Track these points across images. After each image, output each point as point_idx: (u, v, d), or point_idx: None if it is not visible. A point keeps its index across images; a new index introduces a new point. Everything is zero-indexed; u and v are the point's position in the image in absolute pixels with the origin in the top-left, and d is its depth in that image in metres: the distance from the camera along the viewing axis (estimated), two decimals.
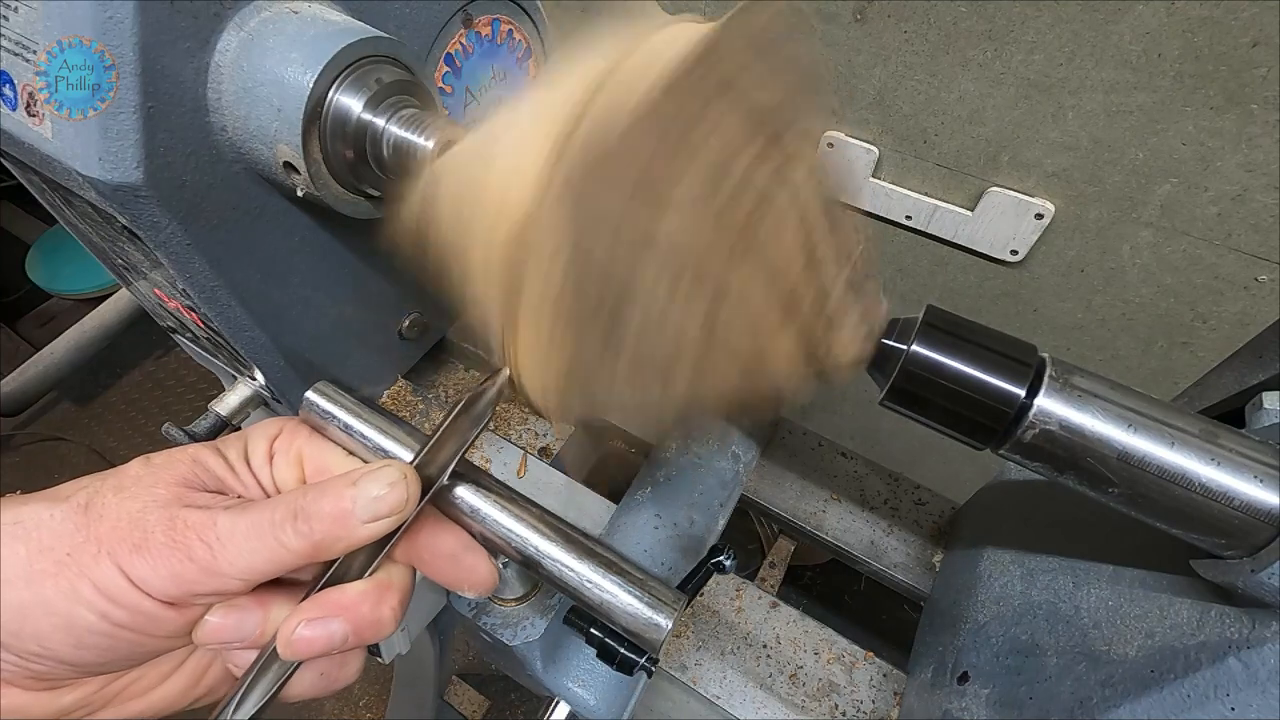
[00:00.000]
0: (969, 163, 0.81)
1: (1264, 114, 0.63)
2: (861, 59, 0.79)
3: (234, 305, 0.50)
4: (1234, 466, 0.32)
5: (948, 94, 0.77)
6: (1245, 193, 0.68)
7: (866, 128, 0.84)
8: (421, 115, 0.44)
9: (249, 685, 0.30)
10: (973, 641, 0.52)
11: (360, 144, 0.45)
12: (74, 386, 2.03)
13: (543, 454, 0.72)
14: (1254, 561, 0.32)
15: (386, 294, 0.65)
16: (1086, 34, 0.66)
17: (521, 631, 0.60)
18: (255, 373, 0.58)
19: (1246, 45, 0.61)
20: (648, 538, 0.65)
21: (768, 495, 0.76)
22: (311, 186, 0.45)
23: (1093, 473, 0.33)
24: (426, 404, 0.72)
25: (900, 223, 0.90)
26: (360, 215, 0.51)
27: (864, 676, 0.65)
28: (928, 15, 0.73)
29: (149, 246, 0.44)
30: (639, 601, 0.49)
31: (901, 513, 0.75)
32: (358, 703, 1.55)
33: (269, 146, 0.43)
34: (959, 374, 0.34)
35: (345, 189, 0.48)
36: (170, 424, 0.57)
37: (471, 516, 0.52)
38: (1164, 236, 0.75)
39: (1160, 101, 0.67)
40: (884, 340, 0.36)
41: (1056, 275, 0.85)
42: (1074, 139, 0.73)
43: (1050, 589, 0.48)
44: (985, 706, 0.47)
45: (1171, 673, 0.34)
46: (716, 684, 0.64)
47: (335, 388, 0.61)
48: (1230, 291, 0.75)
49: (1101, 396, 0.33)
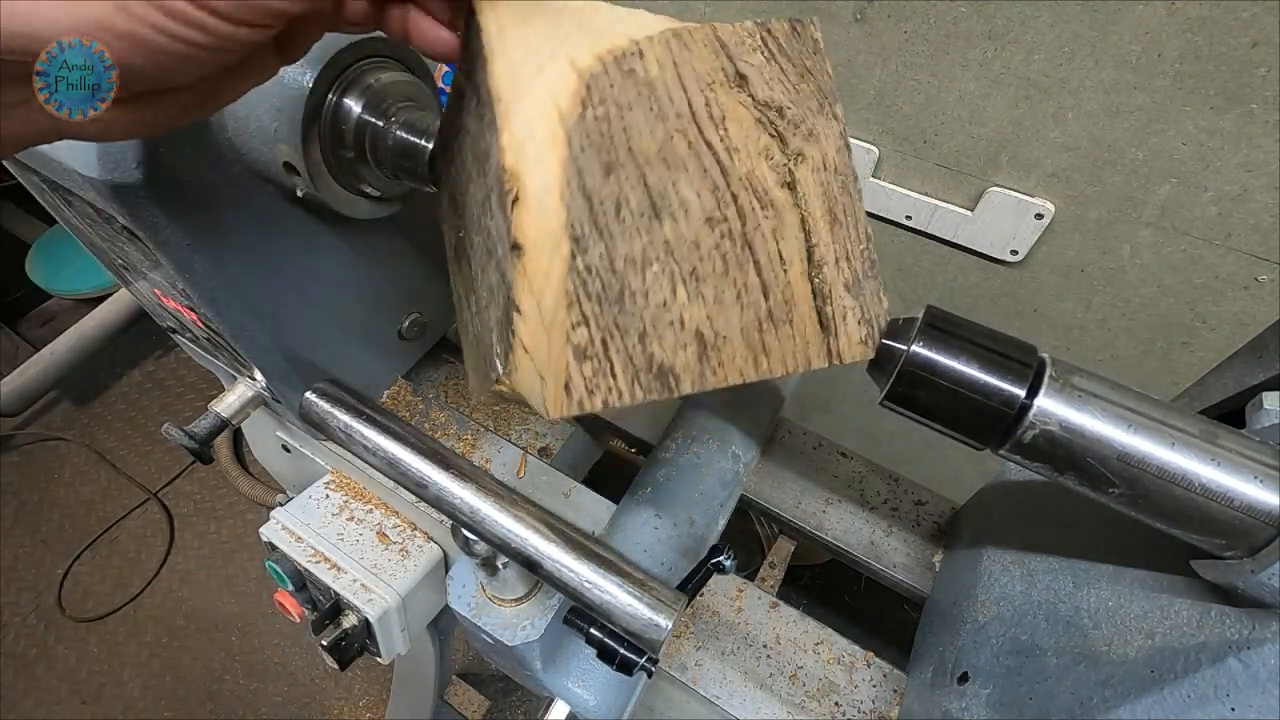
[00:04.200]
0: (969, 163, 0.81)
1: (1264, 114, 0.63)
2: (861, 59, 0.79)
3: (234, 305, 0.50)
4: (1234, 467, 0.32)
5: (948, 94, 0.77)
6: (1245, 193, 0.68)
7: (866, 128, 0.84)
8: (421, 116, 0.44)
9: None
10: (973, 641, 0.52)
11: (360, 144, 0.45)
12: (74, 386, 2.03)
13: (543, 454, 0.72)
14: (1254, 562, 0.32)
15: (386, 294, 0.65)
16: (1086, 34, 0.66)
17: (521, 631, 0.60)
18: (255, 373, 0.58)
19: (1246, 45, 0.61)
20: (648, 538, 0.65)
21: (768, 495, 0.76)
22: (311, 187, 0.45)
23: (1093, 473, 0.33)
24: (426, 404, 0.72)
25: (900, 223, 0.90)
26: (360, 215, 0.51)
27: (864, 676, 0.65)
28: (928, 15, 0.73)
29: (149, 246, 0.44)
30: (639, 602, 0.49)
31: (901, 513, 0.75)
32: (358, 703, 1.55)
33: (269, 146, 0.43)
34: (959, 374, 0.34)
35: (345, 189, 0.48)
36: (170, 424, 0.57)
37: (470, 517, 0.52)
38: (1164, 236, 0.75)
39: (1160, 101, 0.67)
40: (884, 340, 0.36)
41: (1056, 275, 0.85)
42: (1074, 139, 0.73)
43: (1050, 589, 0.48)
44: (985, 706, 0.47)
45: (1172, 673, 0.34)
46: (716, 684, 0.64)
47: (335, 387, 0.61)
48: (1230, 291, 0.75)
49: (1101, 396, 0.33)
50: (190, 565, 1.74)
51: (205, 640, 1.63)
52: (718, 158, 0.31)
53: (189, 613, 1.67)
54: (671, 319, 0.31)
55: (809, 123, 0.34)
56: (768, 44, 0.32)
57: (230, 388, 0.62)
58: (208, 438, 0.58)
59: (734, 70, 0.31)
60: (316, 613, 0.68)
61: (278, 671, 1.59)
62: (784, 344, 0.34)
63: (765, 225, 0.33)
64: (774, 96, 0.33)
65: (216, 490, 1.87)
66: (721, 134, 0.31)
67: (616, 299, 0.30)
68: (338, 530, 0.69)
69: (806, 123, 0.34)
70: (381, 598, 0.66)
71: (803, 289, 0.34)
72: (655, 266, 0.30)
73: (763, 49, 0.32)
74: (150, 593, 1.69)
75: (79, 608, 1.66)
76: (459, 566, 0.66)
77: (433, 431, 0.70)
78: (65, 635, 1.63)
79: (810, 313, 0.35)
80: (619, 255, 0.29)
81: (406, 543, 0.70)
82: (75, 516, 1.80)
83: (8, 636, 1.62)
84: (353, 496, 0.72)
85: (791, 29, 0.33)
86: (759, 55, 0.32)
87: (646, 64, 0.29)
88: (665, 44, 0.29)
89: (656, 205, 0.30)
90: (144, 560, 1.74)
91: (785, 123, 0.33)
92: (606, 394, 0.30)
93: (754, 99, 0.32)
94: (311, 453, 0.74)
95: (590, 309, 0.29)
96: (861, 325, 0.36)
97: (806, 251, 0.34)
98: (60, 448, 1.92)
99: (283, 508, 0.70)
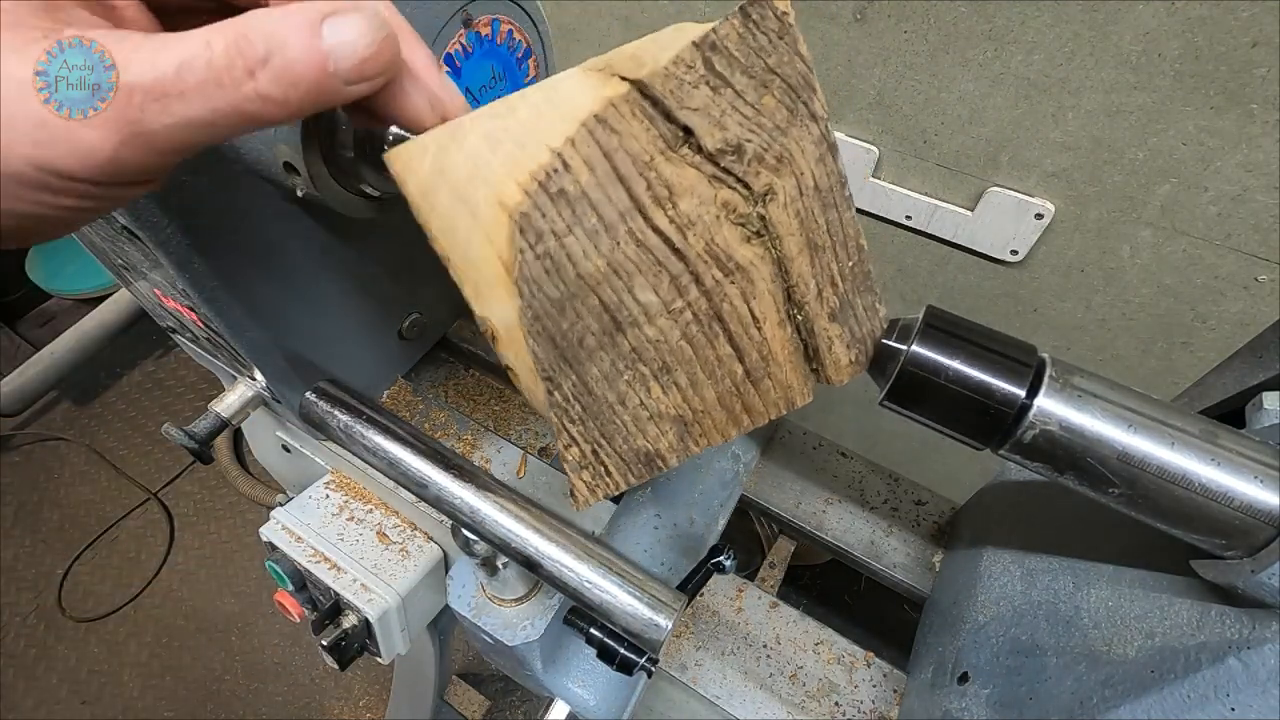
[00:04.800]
0: (969, 163, 0.81)
1: (1264, 114, 0.63)
2: (861, 59, 0.79)
3: (234, 305, 0.50)
4: (1234, 467, 0.32)
5: (948, 94, 0.77)
6: (1245, 193, 0.68)
7: (866, 128, 0.84)
8: None
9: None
10: (973, 641, 0.52)
11: (360, 144, 0.45)
12: (74, 386, 2.03)
13: (543, 454, 0.72)
14: (1254, 562, 0.32)
15: (386, 294, 0.65)
16: (1086, 34, 0.66)
17: (521, 631, 0.60)
18: (255, 373, 0.58)
19: (1246, 45, 0.61)
20: (648, 538, 0.65)
21: (768, 495, 0.76)
22: (311, 187, 0.45)
23: (1093, 473, 0.33)
24: (426, 404, 0.72)
25: (900, 223, 0.90)
26: (360, 215, 0.51)
27: (864, 676, 0.65)
28: (928, 15, 0.73)
29: (149, 246, 0.44)
30: (639, 602, 0.49)
31: (901, 513, 0.75)
32: (358, 703, 1.55)
33: (268, 146, 0.43)
34: (959, 374, 0.34)
35: (345, 189, 0.48)
36: (170, 424, 0.57)
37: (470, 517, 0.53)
38: (1164, 236, 0.75)
39: (1160, 101, 0.67)
40: (884, 341, 0.36)
41: (1056, 275, 0.85)
42: (1074, 139, 0.73)
43: (1050, 589, 0.48)
44: (985, 706, 0.47)
45: (1172, 673, 0.34)
46: (716, 684, 0.64)
47: (335, 387, 0.61)
48: (1230, 291, 0.75)
49: (1101, 396, 0.33)
50: (190, 565, 1.74)
51: (205, 640, 1.63)
52: (671, 244, 0.29)
53: (189, 613, 1.67)
54: (650, 414, 0.33)
55: (776, 146, 0.30)
56: (713, 65, 0.27)
57: (230, 388, 0.62)
58: (208, 438, 0.58)
59: (674, 129, 0.27)
60: (316, 613, 0.68)
61: (278, 671, 1.59)
62: (765, 397, 0.35)
63: (733, 291, 0.31)
64: (728, 136, 0.29)
65: (216, 490, 1.87)
66: (671, 214, 0.28)
67: (596, 415, 0.32)
68: (338, 530, 0.69)
69: (774, 147, 0.30)
70: (381, 598, 0.66)
71: (781, 337, 0.34)
72: (626, 375, 0.31)
73: (707, 79, 0.27)
74: (150, 593, 1.69)
75: (79, 608, 1.66)
76: (459, 566, 0.66)
77: (433, 431, 0.70)
78: (65, 635, 1.63)
79: (791, 355, 0.35)
80: (590, 378, 0.30)
81: (406, 543, 0.70)
82: (75, 516, 1.80)
83: (8, 636, 1.62)
84: (353, 496, 0.72)
85: (744, 23, 0.27)
86: (703, 90, 0.27)
87: (575, 174, 0.26)
88: (590, 140, 0.26)
89: (616, 319, 0.30)
90: (144, 560, 1.74)
91: (746, 163, 0.29)
92: (606, 489, 0.34)
93: (703, 152, 0.28)
94: (311, 453, 0.73)
95: (576, 431, 0.32)
96: (851, 348, 0.36)
97: (785, 293, 0.33)
98: (60, 448, 1.93)
99: (283, 508, 0.70)
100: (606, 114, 0.26)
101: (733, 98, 0.28)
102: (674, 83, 0.27)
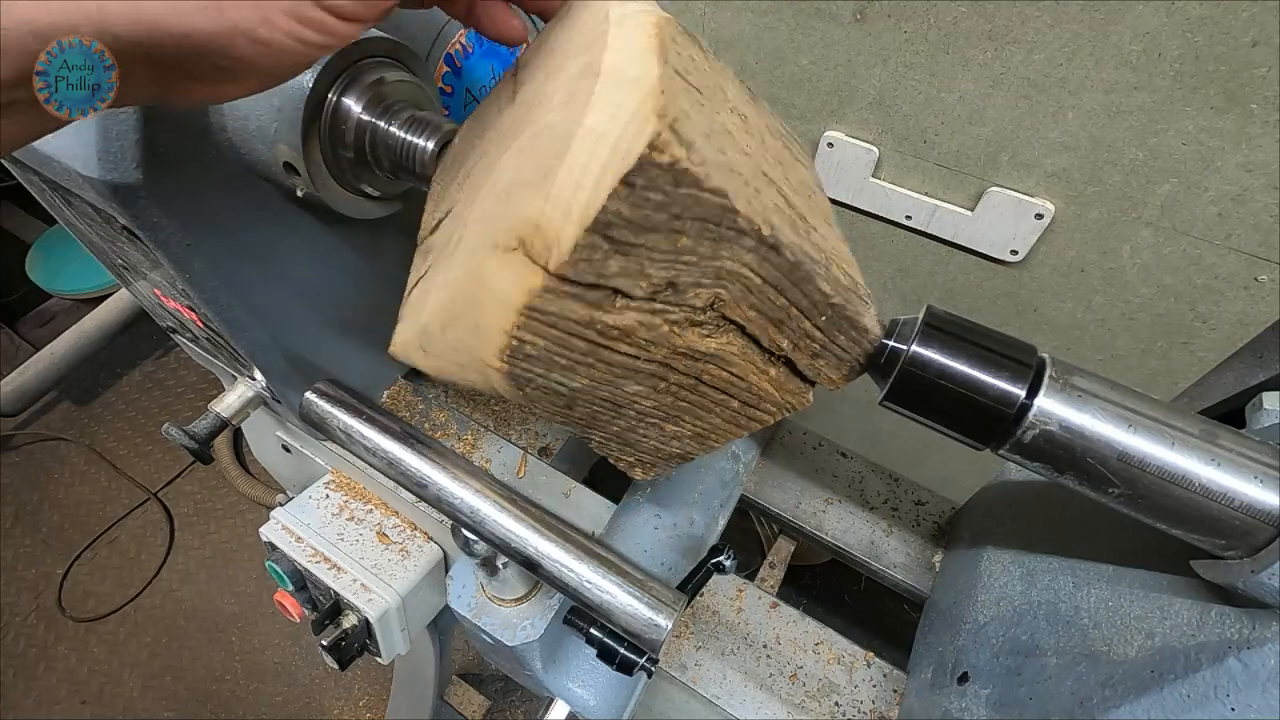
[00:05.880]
0: (969, 163, 0.81)
1: (1264, 114, 0.63)
2: (861, 59, 0.79)
3: (234, 305, 0.50)
4: (1234, 467, 0.32)
5: (948, 94, 0.77)
6: (1245, 193, 0.68)
7: (866, 128, 0.84)
8: (422, 116, 0.44)
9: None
10: (973, 641, 0.52)
11: (360, 145, 0.45)
12: (74, 386, 2.03)
13: (543, 454, 0.72)
14: (1254, 562, 0.32)
15: (387, 294, 0.65)
16: (1086, 34, 0.66)
17: (521, 631, 0.60)
18: (255, 373, 0.58)
19: (1246, 45, 0.61)
20: (648, 538, 0.65)
21: (768, 495, 0.76)
22: (311, 187, 0.45)
23: (1093, 473, 0.33)
24: (426, 404, 0.72)
25: (900, 223, 0.90)
26: (360, 215, 0.51)
27: (864, 676, 0.65)
28: (928, 15, 0.73)
29: (149, 246, 0.44)
30: (639, 602, 0.49)
31: (901, 513, 0.75)
32: (358, 703, 1.55)
33: (269, 147, 0.43)
34: (959, 374, 0.34)
35: (345, 189, 0.48)
36: (170, 424, 0.57)
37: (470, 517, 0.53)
38: (1164, 236, 0.75)
39: (1160, 101, 0.67)
40: (884, 341, 0.36)
41: (1056, 275, 0.85)
42: (1074, 139, 0.73)
43: (1050, 589, 0.48)
44: (985, 706, 0.47)
45: (1171, 673, 0.34)
46: (716, 684, 0.64)
47: (335, 387, 0.61)
48: (1230, 291, 0.75)
49: (1101, 397, 0.33)
50: (190, 565, 1.74)
51: (205, 640, 1.63)
52: (637, 361, 0.32)
53: (189, 613, 1.67)
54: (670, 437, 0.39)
55: (710, 267, 0.29)
56: (615, 239, 0.26)
57: (230, 388, 0.62)
58: (208, 438, 0.58)
59: (603, 292, 0.28)
60: (316, 613, 0.68)
61: (278, 671, 1.59)
62: (766, 411, 0.39)
63: (709, 368, 0.34)
64: (655, 281, 0.29)
65: (216, 490, 1.87)
66: (627, 344, 0.31)
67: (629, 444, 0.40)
68: (338, 530, 0.69)
69: (707, 270, 0.29)
70: (381, 598, 0.66)
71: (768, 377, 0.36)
72: (640, 428, 0.38)
73: (615, 250, 0.27)
74: (150, 593, 1.69)
75: (79, 608, 1.66)
76: (459, 566, 0.66)
77: (433, 431, 0.70)
78: (65, 635, 1.63)
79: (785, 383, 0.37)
80: (611, 432, 0.38)
81: (406, 543, 0.70)
82: (75, 516, 1.80)
83: (8, 636, 1.62)
84: (353, 496, 0.72)
85: (630, 193, 0.25)
86: (615, 260, 0.27)
87: (532, 343, 0.29)
88: (530, 323, 0.28)
89: (616, 403, 0.35)
90: (144, 560, 1.74)
91: (681, 292, 0.30)
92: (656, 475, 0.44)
93: (633, 302, 0.29)
94: (311, 453, 0.74)
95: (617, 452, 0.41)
96: (840, 367, 0.37)
97: (762, 353, 0.35)
98: (60, 448, 1.93)
99: (283, 508, 0.70)
100: (535, 304, 0.28)
101: (647, 254, 0.27)
102: (584, 265, 0.26)
